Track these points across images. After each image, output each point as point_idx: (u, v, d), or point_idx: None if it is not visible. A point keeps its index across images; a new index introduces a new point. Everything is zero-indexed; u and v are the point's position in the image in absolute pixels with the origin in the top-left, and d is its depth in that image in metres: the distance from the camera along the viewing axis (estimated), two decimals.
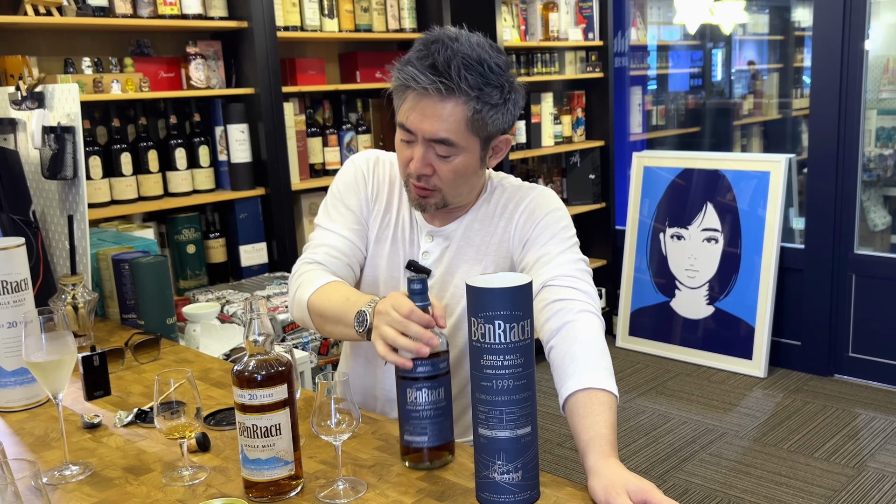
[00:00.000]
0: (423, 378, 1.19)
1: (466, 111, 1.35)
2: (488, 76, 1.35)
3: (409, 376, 1.19)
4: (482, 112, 1.36)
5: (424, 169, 1.41)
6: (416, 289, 1.19)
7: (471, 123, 1.37)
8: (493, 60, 1.36)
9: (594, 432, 1.18)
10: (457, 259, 1.54)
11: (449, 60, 1.33)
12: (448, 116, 1.36)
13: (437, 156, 1.40)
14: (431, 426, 1.20)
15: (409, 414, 1.20)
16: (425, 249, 1.55)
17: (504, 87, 1.37)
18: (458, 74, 1.33)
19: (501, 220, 1.53)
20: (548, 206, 1.51)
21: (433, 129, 1.37)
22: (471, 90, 1.34)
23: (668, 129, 5.06)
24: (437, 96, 1.35)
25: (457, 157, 1.40)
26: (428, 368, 1.18)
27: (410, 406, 1.20)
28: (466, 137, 1.38)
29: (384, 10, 3.45)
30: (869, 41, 3.66)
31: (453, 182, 1.43)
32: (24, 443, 1.40)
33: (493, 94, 1.36)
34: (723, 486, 2.94)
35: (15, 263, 1.49)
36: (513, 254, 1.52)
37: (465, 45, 1.35)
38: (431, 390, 1.19)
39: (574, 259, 1.46)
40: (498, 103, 1.37)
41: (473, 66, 1.33)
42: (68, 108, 1.98)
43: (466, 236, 1.54)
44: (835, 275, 3.84)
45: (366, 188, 1.58)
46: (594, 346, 1.32)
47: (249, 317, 1.13)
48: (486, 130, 1.40)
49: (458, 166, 1.41)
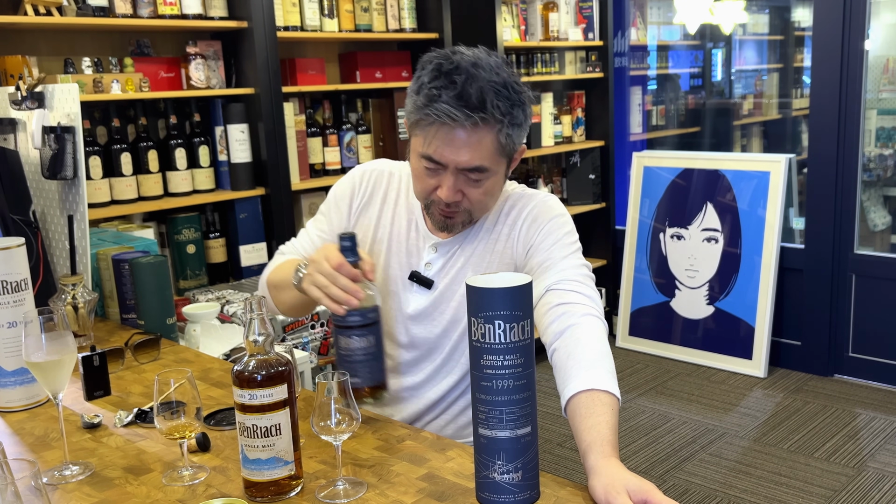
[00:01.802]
0: (355, 327, 1.32)
1: (500, 137, 1.38)
2: (513, 98, 1.37)
3: (342, 325, 1.32)
4: (511, 135, 1.39)
5: (456, 196, 1.42)
6: (346, 245, 1.33)
7: (502, 148, 1.40)
8: (513, 79, 1.38)
9: (595, 433, 1.18)
10: (462, 269, 1.54)
11: (482, 93, 1.32)
12: (481, 146, 1.37)
13: (469, 181, 1.41)
14: (362, 368, 1.33)
15: (343, 358, 1.33)
16: (428, 260, 1.55)
17: (525, 104, 1.40)
18: (492, 105, 1.33)
19: (504, 226, 1.54)
20: (551, 213, 1.52)
21: (468, 159, 1.37)
22: (503, 117, 1.36)
23: (668, 129, 5.07)
24: (471, 128, 1.34)
25: (488, 179, 1.42)
26: (357, 318, 1.32)
27: (344, 351, 1.32)
28: (498, 161, 1.41)
29: (384, 10, 3.45)
30: (869, 41, 3.66)
31: (483, 202, 1.46)
32: (24, 443, 1.40)
33: (518, 114, 1.39)
34: (723, 486, 2.94)
35: (15, 263, 1.49)
36: (517, 259, 1.53)
37: (487, 71, 1.34)
38: (362, 337, 1.32)
39: (577, 264, 1.47)
40: (523, 122, 1.41)
41: (502, 93, 1.35)
42: (68, 108, 1.98)
43: (469, 243, 1.55)
44: (835, 275, 3.84)
45: (349, 206, 1.62)
46: (597, 348, 1.32)
47: (249, 317, 1.13)
48: (512, 148, 1.43)
49: (488, 188, 1.43)
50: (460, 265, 1.55)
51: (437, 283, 1.55)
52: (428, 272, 1.55)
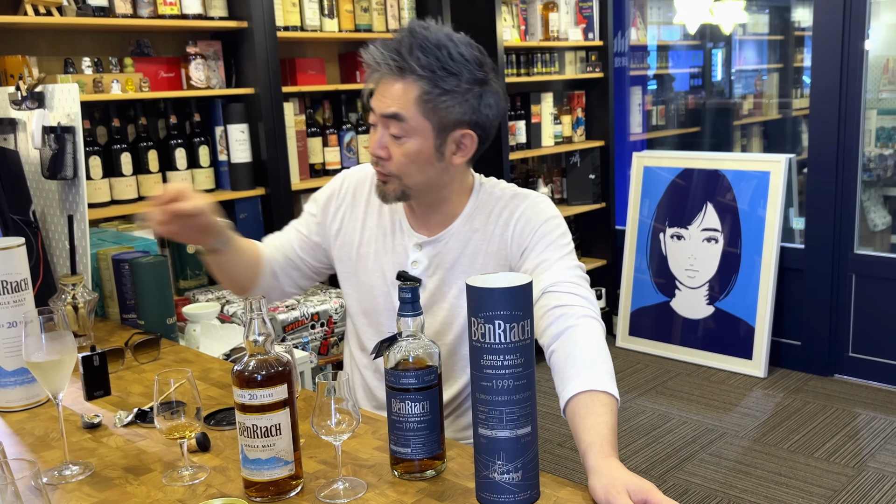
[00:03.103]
0: (410, 390, 1.17)
1: (416, 90, 1.38)
2: (445, 62, 1.37)
3: (395, 386, 1.18)
4: (433, 94, 1.38)
5: (380, 151, 1.44)
6: (406, 297, 1.18)
7: (421, 103, 1.39)
8: (458, 50, 1.38)
9: (595, 433, 1.18)
10: (451, 269, 1.54)
11: (410, 45, 1.37)
12: (400, 93, 1.39)
13: (392, 137, 1.42)
14: (415, 438, 1.18)
15: (395, 424, 1.19)
16: (414, 259, 1.55)
17: (462, 76, 1.39)
18: (409, 52, 1.37)
19: (497, 227, 1.53)
20: (545, 214, 1.52)
21: (385, 104, 1.41)
22: (422, 69, 1.37)
23: (668, 129, 5.07)
24: (393, 75, 1.39)
25: (409, 138, 1.41)
26: (413, 381, 1.16)
27: (396, 416, 1.19)
28: (417, 118, 1.40)
29: (384, 10, 3.46)
30: (869, 41, 3.66)
31: (407, 167, 1.44)
32: (24, 443, 1.40)
33: (447, 79, 1.37)
34: (723, 486, 2.94)
35: (15, 263, 1.49)
36: (511, 261, 1.52)
37: (429, 32, 1.39)
38: (416, 403, 1.17)
39: (572, 266, 1.46)
40: (453, 90, 1.38)
41: (430, 49, 1.37)
42: (68, 108, 1.98)
43: (458, 244, 1.54)
44: (835, 275, 3.84)
45: (327, 210, 1.65)
46: (595, 349, 1.32)
47: (249, 317, 1.13)
48: (439, 115, 1.40)
49: (409, 150, 1.42)
50: (449, 265, 1.54)
51: (425, 282, 1.54)
52: (414, 271, 1.55)
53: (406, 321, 1.17)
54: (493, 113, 1.46)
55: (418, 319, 1.18)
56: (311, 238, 1.66)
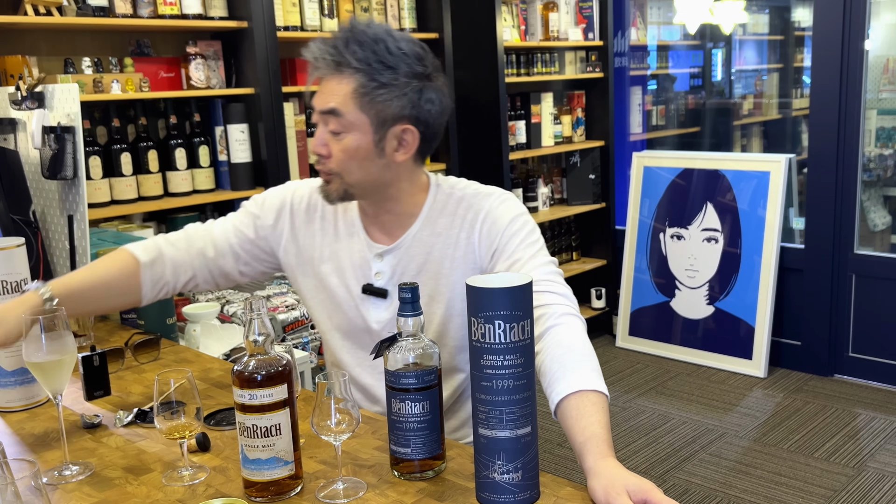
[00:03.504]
0: (410, 390, 1.16)
1: (352, 83, 1.37)
2: (382, 55, 1.36)
3: (395, 387, 1.17)
4: (369, 88, 1.36)
5: (320, 148, 1.42)
6: (406, 298, 1.18)
7: (357, 97, 1.37)
8: (396, 44, 1.38)
9: (589, 433, 1.17)
10: (417, 276, 1.50)
11: (347, 39, 1.37)
12: (337, 88, 1.38)
13: (331, 133, 1.41)
14: (415, 438, 1.18)
15: (395, 424, 1.19)
16: (377, 270, 1.51)
17: (400, 70, 1.37)
18: (345, 47, 1.36)
19: (462, 231, 1.49)
20: (511, 212, 1.48)
21: (323, 100, 1.40)
22: (358, 63, 1.36)
23: (668, 129, 5.07)
24: (332, 70, 1.38)
25: (347, 134, 1.40)
26: (413, 381, 1.16)
27: (395, 416, 1.18)
28: (354, 112, 1.38)
29: (384, 10, 3.46)
30: (869, 41, 3.66)
31: (347, 164, 1.42)
32: (24, 443, 1.40)
33: (384, 72, 1.36)
34: (723, 486, 2.94)
35: (15, 263, 1.49)
36: (481, 263, 1.49)
37: (369, 28, 1.38)
38: (416, 403, 1.17)
39: (545, 262, 1.44)
40: (390, 83, 1.37)
41: (367, 43, 1.36)
42: (68, 108, 1.98)
43: (420, 250, 1.50)
44: (835, 275, 3.84)
45: (276, 221, 1.59)
46: (579, 348, 1.30)
47: (249, 317, 1.13)
48: (377, 109, 1.38)
49: (348, 145, 1.40)
50: (414, 272, 1.50)
51: (392, 292, 1.50)
52: (379, 282, 1.51)
53: (406, 321, 1.17)
54: (435, 109, 1.42)
55: (418, 319, 1.18)
56: (248, 235, 1.60)
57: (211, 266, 1.61)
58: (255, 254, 1.62)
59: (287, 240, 1.59)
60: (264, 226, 1.60)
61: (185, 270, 1.59)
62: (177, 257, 1.58)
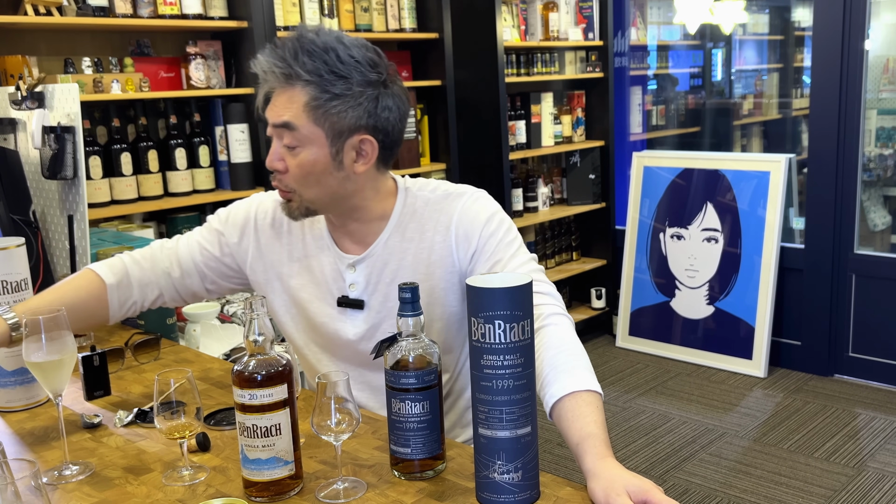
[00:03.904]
0: (410, 390, 1.16)
1: (304, 96, 1.33)
2: (334, 65, 1.31)
3: (395, 386, 1.17)
4: (322, 100, 1.32)
5: (276, 163, 1.38)
6: (406, 298, 1.18)
7: (311, 110, 1.33)
8: (348, 52, 1.33)
9: (586, 433, 1.16)
10: (393, 284, 1.46)
11: (295, 50, 1.32)
12: (289, 101, 1.34)
13: (286, 148, 1.36)
14: (415, 438, 1.18)
15: (395, 424, 1.19)
16: (351, 282, 1.48)
17: (353, 79, 1.32)
18: (294, 58, 1.31)
19: (437, 234, 1.45)
20: (486, 211, 1.45)
21: (276, 114, 1.35)
22: (309, 74, 1.31)
23: (668, 129, 5.07)
24: (282, 83, 1.34)
25: (302, 148, 1.35)
26: (413, 381, 1.16)
27: (395, 416, 1.18)
28: (308, 126, 1.34)
29: (384, 10, 3.46)
30: (869, 41, 3.66)
31: (304, 180, 1.37)
32: (24, 443, 1.40)
33: (336, 83, 1.32)
34: (723, 486, 2.94)
35: (15, 263, 1.49)
36: (460, 265, 1.46)
37: (317, 36, 1.33)
38: (416, 403, 1.16)
39: (527, 260, 1.42)
40: (343, 94, 1.32)
41: (317, 53, 1.31)
42: (68, 108, 1.98)
43: (393, 256, 1.47)
44: (835, 275, 3.84)
45: (241, 235, 1.56)
46: (570, 348, 1.29)
47: (249, 317, 1.13)
48: (331, 121, 1.34)
49: (304, 160, 1.36)
50: (389, 280, 1.46)
51: (368, 302, 1.48)
52: (354, 293, 1.48)
53: (406, 321, 1.17)
54: (393, 116, 1.38)
55: (418, 319, 1.18)
56: (213, 252, 1.57)
57: (177, 285, 1.59)
58: (221, 271, 1.59)
59: (253, 257, 1.56)
60: (229, 243, 1.57)
61: (151, 289, 1.57)
62: (143, 277, 1.56)
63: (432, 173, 3.71)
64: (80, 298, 1.49)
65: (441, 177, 3.73)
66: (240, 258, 1.58)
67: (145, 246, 1.62)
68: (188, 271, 1.58)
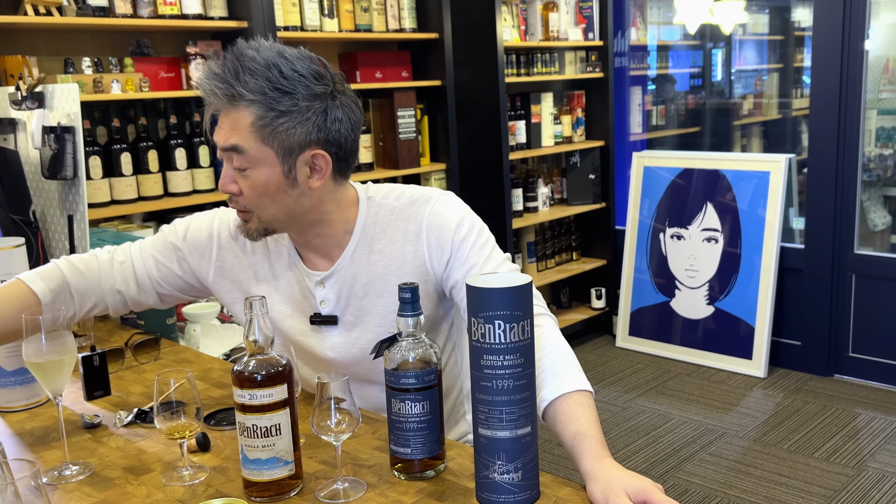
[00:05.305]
0: (410, 390, 1.16)
1: (249, 116, 1.28)
2: (277, 81, 1.27)
3: (394, 386, 1.17)
4: (268, 118, 1.28)
5: (230, 186, 1.34)
6: (406, 297, 1.18)
7: (258, 130, 1.29)
8: (291, 66, 1.28)
9: (581, 434, 1.16)
10: (365, 297, 1.44)
11: (236, 69, 1.27)
12: (235, 123, 1.30)
13: (237, 170, 1.32)
14: (415, 438, 1.18)
15: (395, 424, 1.19)
16: (322, 298, 1.45)
17: (298, 94, 1.28)
18: (236, 78, 1.27)
19: (407, 244, 1.42)
20: (456, 216, 1.42)
21: (223, 136, 1.31)
22: (252, 94, 1.27)
23: (668, 129, 5.07)
24: (226, 105, 1.29)
25: (253, 169, 1.31)
26: (413, 381, 1.16)
27: (395, 416, 1.18)
28: (258, 147, 1.30)
29: (384, 10, 3.46)
30: (869, 41, 3.66)
31: (259, 200, 1.34)
32: (24, 443, 1.40)
33: (281, 99, 1.27)
34: (723, 486, 2.94)
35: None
36: (435, 273, 1.43)
37: (258, 53, 1.29)
38: (416, 403, 1.16)
39: (501, 261, 1.41)
40: (289, 110, 1.28)
41: (258, 71, 1.27)
42: (68, 108, 1.98)
43: (363, 269, 1.43)
44: (835, 275, 3.84)
45: (202, 254, 1.51)
46: (557, 349, 1.28)
47: (249, 317, 1.13)
48: (280, 140, 1.29)
49: (257, 181, 1.32)
50: (361, 294, 1.44)
51: (342, 317, 1.46)
52: (325, 309, 1.46)
53: (406, 321, 1.17)
54: (344, 127, 1.34)
55: (418, 319, 1.18)
56: (172, 268, 1.53)
57: (130, 300, 1.54)
58: (179, 286, 1.55)
59: (216, 275, 1.52)
60: (188, 261, 1.53)
61: (89, 299, 1.51)
62: (82, 287, 1.50)
63: (432, 173, 3.71)
64: (11, 318, 1.38)
65: (441, 177, 3.73)
66: (202, 276, 1.53)
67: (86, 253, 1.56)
68: (145, 288, 1.54)
